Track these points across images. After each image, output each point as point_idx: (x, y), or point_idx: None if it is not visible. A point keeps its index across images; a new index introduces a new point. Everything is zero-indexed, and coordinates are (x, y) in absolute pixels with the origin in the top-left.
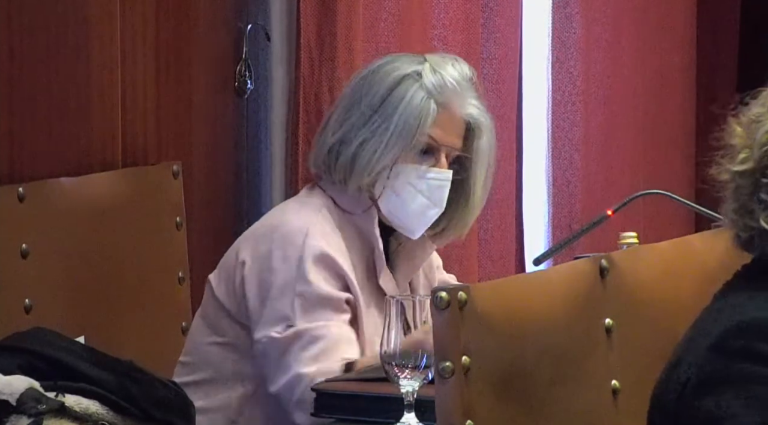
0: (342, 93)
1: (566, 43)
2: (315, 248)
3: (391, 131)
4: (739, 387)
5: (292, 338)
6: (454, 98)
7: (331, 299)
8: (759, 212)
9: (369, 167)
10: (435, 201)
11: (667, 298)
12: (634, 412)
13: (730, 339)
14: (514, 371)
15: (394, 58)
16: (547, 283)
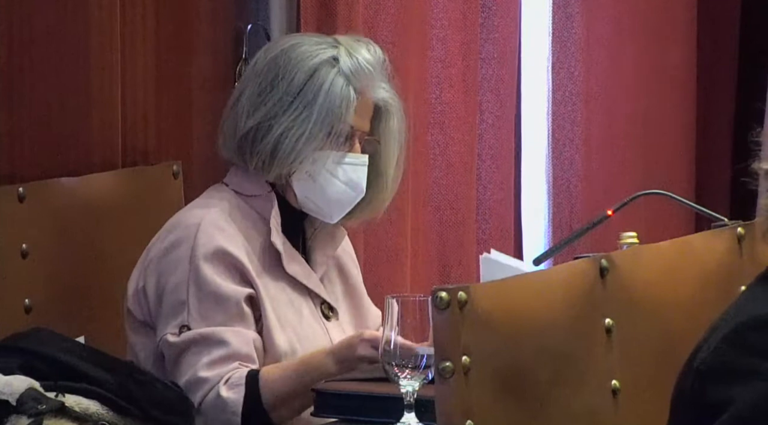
0: (248, 71)
1: (566, 42)
2: (208, 243)
3: (314, 119)
4: (747, 381)
5: (188, 342)
6: (368, 83)
7: (227, 298)
8: None
9: (292, 155)
10: (353, 186)
11: (667, 298)
12: (634, 412)
13: (746, 331)
14: (514, 371)
15: (302, 38)
16: (547, 283)
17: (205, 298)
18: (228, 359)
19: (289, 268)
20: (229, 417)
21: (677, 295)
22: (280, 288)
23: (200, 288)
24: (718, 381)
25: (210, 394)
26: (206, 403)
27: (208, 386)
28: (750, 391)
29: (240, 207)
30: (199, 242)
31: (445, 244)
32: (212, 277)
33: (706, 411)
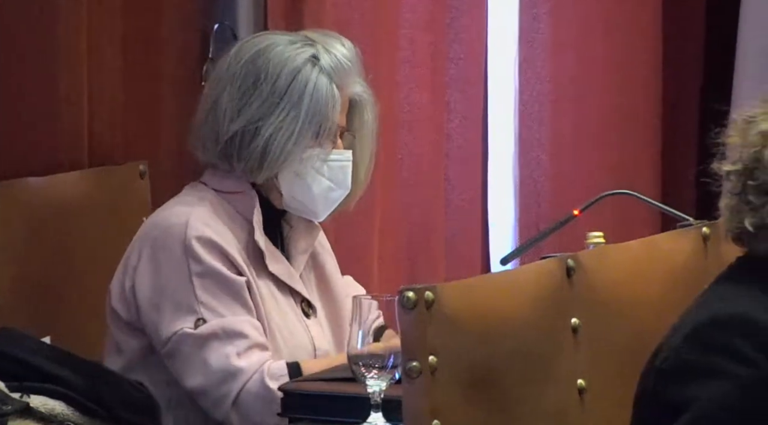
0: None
1: (533, 43)
2: (201, 236)
3: (302, 119)
4: (708, 380)
5: (209, 334)
6: (346, 78)
7: (229, 280)
8: (745, 213)
9: (282, 157)
10: (339, 183)
11: (633, 297)
12: (601, 411)
13: (706, 330)
14: (481, 370)
15: (275, 38)
16: (514, 283)
17: (211, 288)
18: (251, 348)
19: (272, 267)
20: (276, 407)
21: (643, 295)
22: (265, 286)
23: (204, 279)
24: (679, 380)
25: (250, 384)
26: (248, 393)
27: (245, 376)
28: (711, 390)
29: (221, 206)
30: (190, 236)
31: (412, 244)
32: (213, 264)
33: (668, 410)
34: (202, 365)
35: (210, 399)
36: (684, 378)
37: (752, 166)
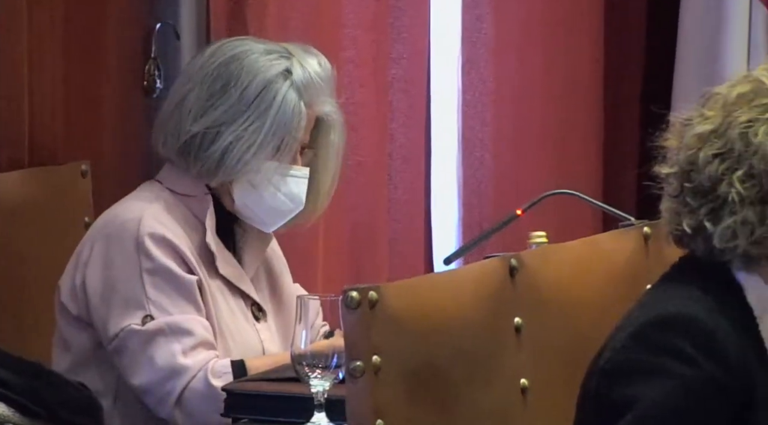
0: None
1: (476, 43)
2: (154, 234)
3: (265, 131)
4: (651, 379)
5: (156, 331)
6: (316, 96)
7: (180, 279)
8: (684, 215)
9: (239, 165)
10: (293, 199)
11: (575, 296)
12: (543, 410)
13: (650, 330)
14: (424, 370)
15: (253, 45)
16: (458, 282)
17: (161, 285)
18: (198, 347)
19: (223, 269)
20: (220, 405)
21: (585, 294)
22: (216, 288)
23: (154, 275)
24: (623, 379)
25: (194, 382)
26: (192, 391)
27: (189, 374)
28: (654, 389)
29: (175, 205)
30: (143, 232)
31: (356, 244)
32: (165, 263)
33: (612, 409)
34: (148, 362)
35: (154, 396)
36: (627, 377)
37: (688, 168)
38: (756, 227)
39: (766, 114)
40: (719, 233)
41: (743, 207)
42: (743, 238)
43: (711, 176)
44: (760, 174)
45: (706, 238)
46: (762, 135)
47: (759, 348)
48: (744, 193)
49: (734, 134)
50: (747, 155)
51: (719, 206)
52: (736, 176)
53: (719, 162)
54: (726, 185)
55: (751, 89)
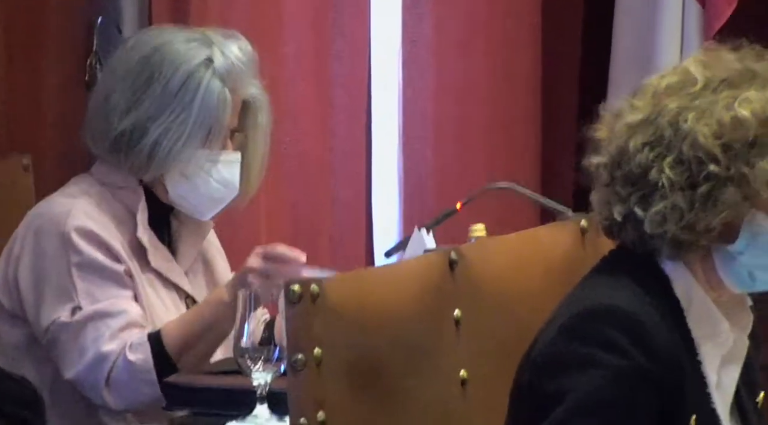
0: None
1: (417, 40)
2: (81, 228)
3: (192, 122)
4: (582, 370)
5: (84, 320)
6: (240, 81)
7: (108, 269)
8: (614, 204)
9: (170, 158)
10: (226, 184)
11: (514, 289)
12: (483, 401)
13: (580, 322)
14: (366, 362)
15: (173, 35)
16: (398, 275)
17: (89, 276)
18: (127, 327)
19: (155, 262)
20: (143, 377)
21: (524, 286)
22: (148, 281)
23: (82, 268)
24: (555, 371)
25: (118, 362)
26: (115, 373)
27: (113, 357)
28: (585, 379)
29: (107, 199)
30: (70, 227)
31: (298, 237)
32: (92, 254)
33: (544, 400)
34: (78, 353)
35: (86, 385)
36: (559, 369)
37: (618, 157)
38: (685, 212)
39: (694, 102)
40: (649, 219)
41: (673, 193)
42: (673, 223)
43: (641, 163)
44: (689, 160)
45: (636, 225)
46: (691, 121)
47: (687, 339)
48: (674, 178)
49: (664, 122)
50: (676, 141)
51: (649, 192)
52: (666, 162)
53: (649, 150)
54: (656, 171)
55: (679, 79)
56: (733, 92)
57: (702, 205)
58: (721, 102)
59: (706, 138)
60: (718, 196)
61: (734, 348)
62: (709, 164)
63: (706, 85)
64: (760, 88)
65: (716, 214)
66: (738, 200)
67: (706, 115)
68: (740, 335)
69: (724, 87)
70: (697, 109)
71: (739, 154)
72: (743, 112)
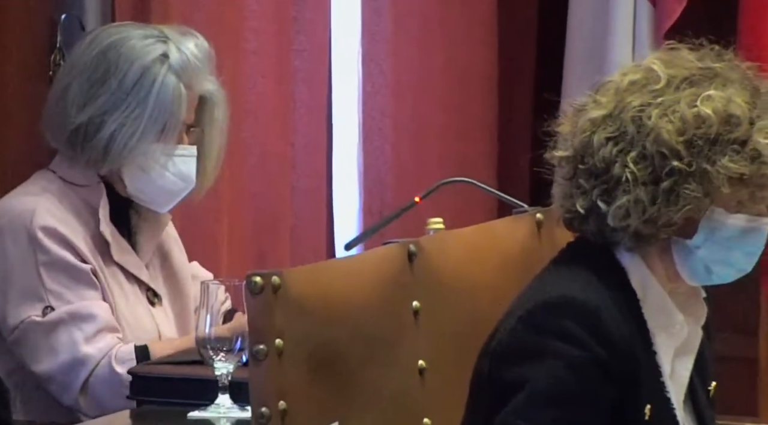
0: (73, 61)
1: (376, 36)
2: (47, 226)
3: (147, 116)
4: (540, 360)
5: (57, 321)
6: (196, 77)
7: (76, 268)
8: (577, 197)
9: (125, 151)
10: (183, 177)
11: (471, 280)
12: (440, 389)
13: (538, 313)
14: (326, 353)
15: (129, 31)
16: (358, 267)
17: (58, 276)
18: (100, 332)
19: (117, 257)
20: (125, 390)
21: (481, 278)
22: (111, 275)
23: (50, 268)
24: (513, 361)
25: (98, 370)
26: (97, 379)
27: (93, 362)
28: (543, 369)
29: (68, 195)
30: (36, 226)
31: (260, 230)
32: (59, 254)
33: (503, 389)
34: (50, 352)
35: (58, 385)
36: (518, 359)
37: (582, 151)
38: (647, 207)
39: (658, 99)
40: (613, 212)
41: (636, 187)
42: (635, 217)
43: (605, 157)
44: (653, 156)
45: (598, 218)
46: (655, 118)
47: (642, 329)
48: (637, 173)
49: (627, 118)
50: (640, 137)
51: (612, 186)
52: (629, 157)
53: (613, 145)
54: (619, 166)
55: (642, 76)
56: (696, 90)
57: (664, 200)
58: (684, 100)
59: (670, 134)
60: (680, 191)
61: (688, 338)
62: (672, 159)
63: (669, 83)
64: (721, 87)
65: (678, 209)
66: (699, 196)
67: (669, 112)
68: (694, 326)
69: (687, 85)
70: (660, 106)
71: (701, 150)
72: (706, 109)
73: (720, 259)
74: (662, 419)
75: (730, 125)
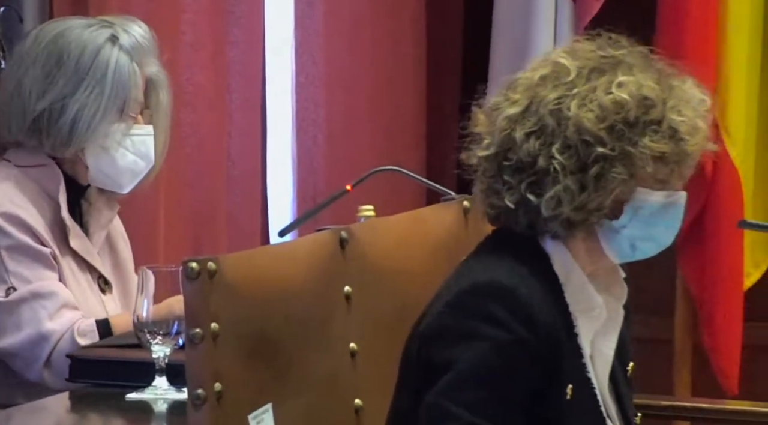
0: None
1: (308, 29)
2: (5, 211)
3: (107, 95)
4: (467, 342)
5: (19, 300)
6: (144, 57)
7: (37, 251)
8: (504, 192)
9: (89, 131)
10: (142, 156)
11: (400, 266)
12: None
13: (465, 296)
14: (261, 336)
15: (72, 22)
16: (292, 253)
17: (19, 258)
18: (62, 308)
19: (74, 242)
20: None
21: (410, 264)
22: (66, 262)
23: (12, 251)
24: (441, 343)
25: (61, 344)
26: (60, 352)
27: (56, 336)
28: (470, 351)
29: (26, 183)
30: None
31: (196, 218)
32: (21, 238)
33: (432, 371)
34: (14, 328)
35: (22, 360)
36: (446, 341)
37: (505, 148)
38: (577, 194)
39: (573, 90)
40: (545, 203)
41: (564, 177)
42: (567, 204)
43: (529, 152)
44: (576, 145)
45: (528, 210)
46: (574, 108)
47: (565, 313)
48: (564, 163)
49: (545, 112)
50: (561, 129)
51: (540, 178)
52: (554, 149)
53: (535, 139)
54: (544, 158)
55: (552, 70)
56: (608, 78)
57: (593, 186)
58: (599, 88)
59: (591, 122)
60: (608, 176)
61: (611, 317)
62: (597, 146)
63: (579, 74)
64: (628, 72)
65: (608, 193)
66: (625, 178)
67: (587, 101)
68: (616, 305)
69: (597, 74)
70: (577, 96)
71: (622, 134)
72: (622, 95)
73: (644, 235)
74: (583, 398)
75: (645, 107)
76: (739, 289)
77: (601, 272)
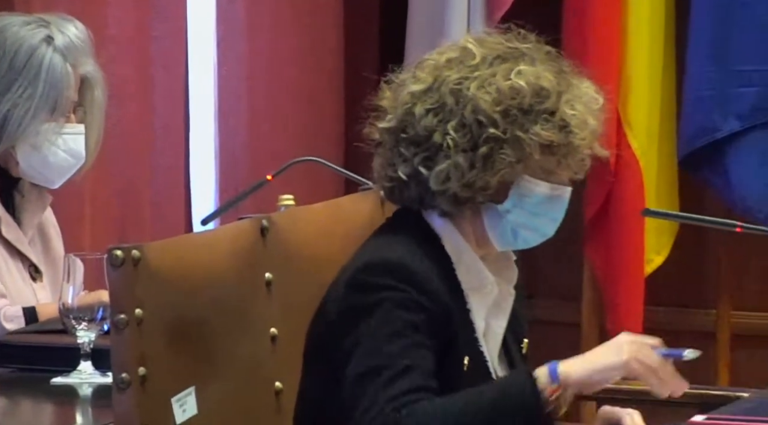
0: None
1: (230, 22)
2: None
3: (39, 95)
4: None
5: None
6: (79, 58)
7: None
8: (399, 164)
9: (19, 130)
10: (73, 154)
11: (319, 253)
12: (290, 356)
13: (359, 275)
14: (184, 322)
15: (10, 19)
16: (214, 241)
17: None
18: None
19: (5, 231)
20: None
21: (329, 251)
22: (7, 253)
23: None
24: (348, 325)
25: None
26: None
27: None
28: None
29: None
30: None
31: (121, 206)
32: None
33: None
34: None
35: None
36: (351, 322)
37: (404, 122)
38: (465, 171)
39: (474, 73)
40: (434, 176)
41: (456, 153)
42: (455, 180)
43: (426, 127)
44: (471, 124)
45: (419, 183)
46: (473, 89)
47: (458, 290)
48: (457, 140)
49: (446, 91)
50: (459, 108)
51: (434, 153)
52: (450, 126)
53: (433, 115)
54: (440, 134)
55: (459, 54)
56: (509, 66)
57: (482, 165)
58: (499, 73)
59: (487, 104)
60: (496, 157)
61: (501, 299)
62: (489, 127)
63: (483, 60)
64: (530, 64)
65: (494, 173)
66: (513, 161)
67: (486, 84)
68: (506, 287)
69: (499, 62)
70: (477, 79)
71: (515, 119)
72: (519, 82)
73: (526, 224)
74: (478, 370)
75: (540, 97)
76: (640, 275)
77: (491, 258)
